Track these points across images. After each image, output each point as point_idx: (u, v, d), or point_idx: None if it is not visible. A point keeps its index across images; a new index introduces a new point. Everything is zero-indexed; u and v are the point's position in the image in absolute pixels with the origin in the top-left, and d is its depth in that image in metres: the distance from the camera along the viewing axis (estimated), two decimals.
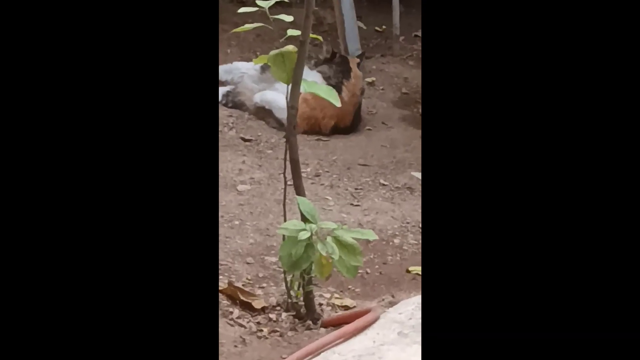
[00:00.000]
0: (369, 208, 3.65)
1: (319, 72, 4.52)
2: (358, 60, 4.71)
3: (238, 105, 4.54)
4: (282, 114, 3.62)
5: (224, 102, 4.56)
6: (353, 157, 4.17)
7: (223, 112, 4.52)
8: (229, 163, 3.95)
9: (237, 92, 4.56)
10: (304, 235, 2.54)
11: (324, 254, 2.54)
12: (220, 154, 4.04)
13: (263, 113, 4.45)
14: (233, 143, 4.18)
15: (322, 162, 4.08)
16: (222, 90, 4.60)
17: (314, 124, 4.43)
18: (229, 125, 4.38)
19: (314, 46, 5.37)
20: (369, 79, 5.05)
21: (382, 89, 4.97)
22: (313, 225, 2.57)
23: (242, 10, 2.72)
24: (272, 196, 3.61)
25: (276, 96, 4.34)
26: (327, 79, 4.48)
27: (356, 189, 3.83)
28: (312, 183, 3.84)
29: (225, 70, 4.70)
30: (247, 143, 4.21)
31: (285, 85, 2.67)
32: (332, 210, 3.59)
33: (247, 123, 4.43)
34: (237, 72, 4.62)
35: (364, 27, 5.72)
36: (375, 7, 6.06)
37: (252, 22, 2.75)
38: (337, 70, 4.59)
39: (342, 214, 3.56)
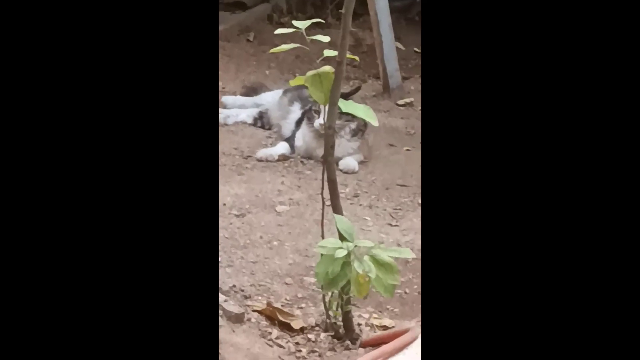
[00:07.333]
0: (407, 228, 3.64)
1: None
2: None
3: (273, 127, 4.59)
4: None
5: (259, 124, 4.61)
6: (392, 177, 4.16)
7: (262, 133, 4.56)
8: (268, 184, 3.96)
9: (269, 116, 4.61)
10: (340, 253, 2.54)
11: (360, 272, 2.53)
12: (260, 174, 4.07)
13: None
14: (272, 164, 4.20)
15: (361, 183, 4.08)
16: (254, 112, 4.65)
17: None
18: (268, 146, 4.40)
19: (353, 67, 5.40)
20: (407, 100, 5.06)
21: (421, 109, 4.97)
22: (350, 244, 2.57)
23: (279, 31, 2.73)
24: (311, 216, 3.62)
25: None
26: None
27: (395, 209, 3.83)
28: (351, 204, 3.83)
29: (254, 102, 4.76)
30: (286, 164, 4.22)
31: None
32: (370, 231, 3.59)
33: None
34: (263, 105, 4.70)
35: (403, 48, 5.73)
36: (414, 27, 6.06)
37: (289, 43, 2.76)
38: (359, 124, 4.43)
39: (380, 234, 3.56)
